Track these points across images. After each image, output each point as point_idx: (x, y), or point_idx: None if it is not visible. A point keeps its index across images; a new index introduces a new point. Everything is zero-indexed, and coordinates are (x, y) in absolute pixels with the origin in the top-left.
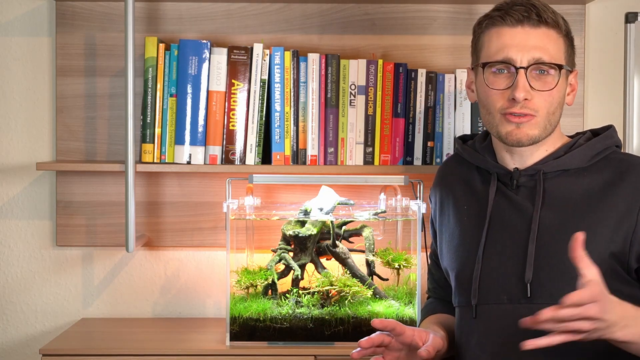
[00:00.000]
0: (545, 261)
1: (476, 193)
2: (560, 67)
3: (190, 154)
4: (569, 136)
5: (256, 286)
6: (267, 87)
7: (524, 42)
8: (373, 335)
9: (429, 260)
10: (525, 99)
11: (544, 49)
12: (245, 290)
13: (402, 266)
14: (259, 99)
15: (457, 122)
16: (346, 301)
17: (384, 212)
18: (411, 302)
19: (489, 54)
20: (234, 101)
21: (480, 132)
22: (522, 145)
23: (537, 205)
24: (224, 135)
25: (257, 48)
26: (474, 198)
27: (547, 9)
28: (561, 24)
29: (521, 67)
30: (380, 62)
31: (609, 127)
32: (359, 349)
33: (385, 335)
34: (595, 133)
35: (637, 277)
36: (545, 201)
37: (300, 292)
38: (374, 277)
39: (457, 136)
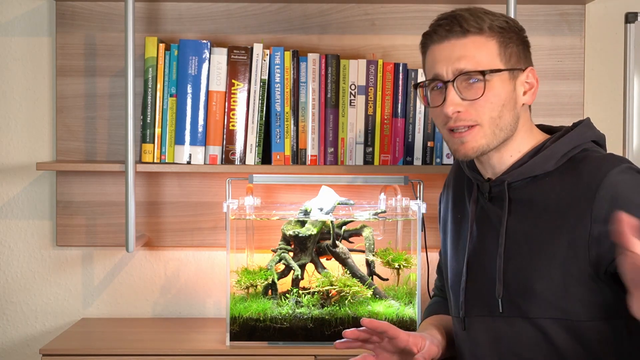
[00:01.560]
0: (512, 275)
1: (465, 203)
2: (483, 73)
3: (190, 154)
4: (549, 131)
5: (256, 286)
6: (267, 87)
7: (448, 55)
8: (361, 329)
9: (439, 257)
10: (458, 112)
11: (469, 57)
12: (245, 290)
13: (402, 266)
14: (259, 99)
15: None
16: (346, 301)
17: (384, 212)
18: (411, 302)
19: (427, 74)
20: (234, 101)
21: None
22: (469, 158)
23: (503, 218)
24: (224, 135)
25: (257, 48)
26: (464, 208)
27: (472, 16)
28: (486, 29)
29: (447, 81)
30: (380, 62)
31: (580, 123)
32: (344, 339)
33: (375, 335)
34: (575, 127)
35: (606, 278)
36: (513, 212)
37: (300, 292)
38: (374, 277)
39: None
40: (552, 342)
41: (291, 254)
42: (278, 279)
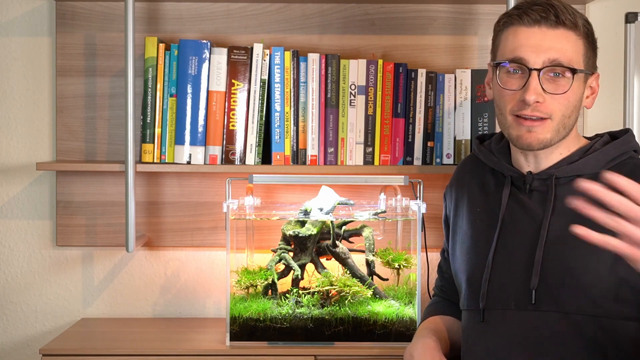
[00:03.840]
0: (553, 268)
1: (490, 195)
2: (574, 71)
3: (190, 154)
4: (587, 138)
5: (256, 286)
6: (267, 87)
7: (539, 43)
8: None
9: (441, 256)
10: (537, 102)
11: (561, 50)
12: (245, 290)
13: (402, 266)
14: (259, 99)
15: (457, 122)
16: (346, 301)
17: (384, 212)
18: (411, 302)
19: (504, 53)
20: (234, 101)
21: (496, 132)
22: (533, 149)
23: (547, 212)
24: (224, 135)
25: (257, 48)
26: (487, 201)
27: (567, 9)
28: (580, 26)
29: (534, 69)
30: (380, 62)
31: (627, 131)
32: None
33: None
34: (613, 136)
35: None
36: (557, 207)
37: (300, 292)
38: (374, 277)
39: (476, 135)
40: (584, 338)
41: (291, 254)
42: (278, 279)
